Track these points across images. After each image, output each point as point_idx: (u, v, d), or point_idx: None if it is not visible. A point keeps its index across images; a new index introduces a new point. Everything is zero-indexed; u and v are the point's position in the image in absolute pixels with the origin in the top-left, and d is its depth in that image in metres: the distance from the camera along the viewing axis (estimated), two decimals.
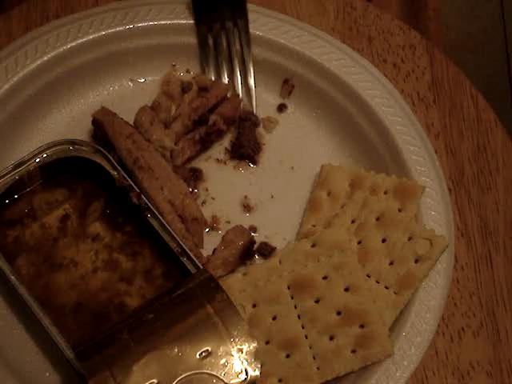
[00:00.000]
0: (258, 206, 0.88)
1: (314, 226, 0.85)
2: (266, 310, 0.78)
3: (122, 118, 0.86)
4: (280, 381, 0.76)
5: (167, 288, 0.78)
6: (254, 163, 0.90)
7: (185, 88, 0.91)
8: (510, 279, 0.86)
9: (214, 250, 0.84)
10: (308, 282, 0.79)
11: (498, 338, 0.83)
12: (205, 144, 0.89)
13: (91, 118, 0.86)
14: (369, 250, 0.81)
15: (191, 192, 0.87)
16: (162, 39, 0.92)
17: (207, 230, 0.86)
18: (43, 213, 0.82)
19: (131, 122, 0.87)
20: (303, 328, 0.78)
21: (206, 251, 0.84)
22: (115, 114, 0.86)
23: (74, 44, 0.88)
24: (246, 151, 0.89)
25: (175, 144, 0.86)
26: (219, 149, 0.91)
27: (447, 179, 0.89)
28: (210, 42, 0.92)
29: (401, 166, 0.87)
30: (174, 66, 0.94)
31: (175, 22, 0.92)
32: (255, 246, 0.85)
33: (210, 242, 0.85)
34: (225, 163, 0.90)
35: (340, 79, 0.91)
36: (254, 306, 0.79)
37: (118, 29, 0.90)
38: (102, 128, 0.84)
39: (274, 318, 0.78)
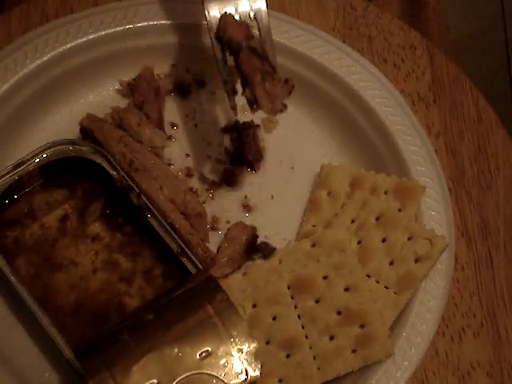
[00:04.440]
0: (258, 206, 0.88)
1: (314, 226, 0.85)
2: (266, 310, 0.78)
3: (110, 123, 0.86)
4: (280, 381, 0.76)
5: (167, 288, 0.78)
6: (253, 170, 0.90)
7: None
8: (510, 279, 0.86)
9: (218, 248, 0.84)
10: (308, 281, 0.79)
11: (498, 339, 0.83)
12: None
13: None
14: (369, 250, 0.81)
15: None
16: (161, 39, 0.92)
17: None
18: (43, 213, 0.82)
19: None
20: (303, 328, 0.78)
21: None
22: (102, 119, 0.86)
23: (73, 44, 0.88)
24: (246, 158, 0.89)
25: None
26: (219, 149, 0.91)
27: (447, 179, 0.89)
28: None
29: (401, 165, 0.87)
30: (175, 65, 0.94)
31: (175, 21, 0.92)
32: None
33: (211, 241, 0.84)
34: (224, 163, 0.90)
35: (340, 79, 0.91)
36: (254, 306, 0.79)
37: (117, 29, 0.90)
38: (91, 135, 0.84)
39: (274, 318, 0.78)
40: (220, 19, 0.79)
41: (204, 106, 0.93)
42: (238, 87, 0.80)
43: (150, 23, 0.91)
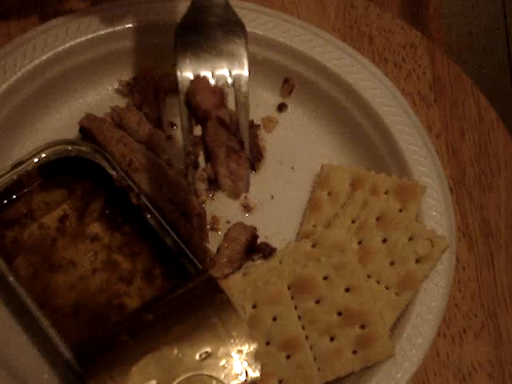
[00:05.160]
0: (258, 206, 0.88)
1: (314, 226, 0.84)
2: (266, 311, 0.78)
3: (109, 123, 0.85)
4: (280, 382, 0.76)
5: (167, 289, 0.78)
6: (253, 170, 0.90)
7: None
8: (511, 280, 0.86)
9: (218, 248, 0.84)
10: (308, 282, 0.79)
11: (499, 339, 0.82)
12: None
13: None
14: (369, 251, 0.80)
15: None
16: (162, 39, 0.91)
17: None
18: (42, 213, 0.82)
19: None
20: (304, 329, 0.77)
21: None
22: (101, 118, 0.86)
23: (72, 43, 0.88)
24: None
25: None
26: None
27: (448, 179, 0.89)
28: None
29: (401, 165, 0.87)
30: (175, 65, 0.93)
31: (176, 20, 0.91)
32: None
33: (211, 241, 0.84)
34: None
35: (341, 78, 0.91)
36: (254, 306, 0.79)
37: (117, 28, 0.90)
38: (91, 135, 0.84)
39: (274, 319, 0.78)
40: (192, 82, 0.69)
41: None
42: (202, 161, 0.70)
43: (150, 23, 0.91)
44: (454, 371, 0.81)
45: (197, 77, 0.70)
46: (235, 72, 0.70)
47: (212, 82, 0.70)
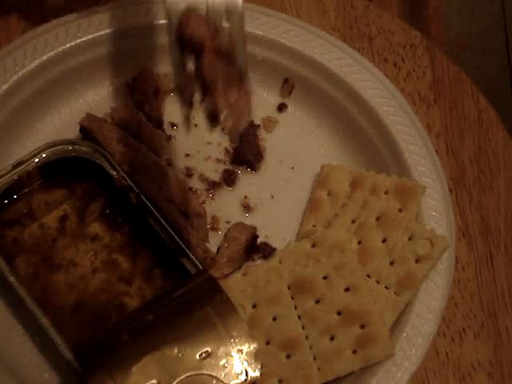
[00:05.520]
0: (258, 206, 0.88)
1: (314, 226, 0.84)
2: (266, 311, 0.78)
3: (110, 123, 0.85)
4: (280, 381, 0.76)
5: (167, 288, 0.78)
6: (253, 170, 0.90)
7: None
8: (511, 279, 0.86)
9: (218, 248, 0.84)
10: (308, 282, 0.79)
11: (499, 339, 0.83)
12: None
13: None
14: (369, 250, 0.81)
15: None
16: (161, 39, 0.92)
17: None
18: (42, 213, 0.82)
19: None
20: (303, 328, 0.77)
21: None
22: (102, 118, 0.86)
23: (72, 44, 0.88)
24: (246, 158, 0.89)
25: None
26: (219, 149, 0.91)
27: (448, 179, 0.89)
28: None
29: (401, 165, 0.87)
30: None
31: (175, 21, 0.91)
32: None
33: (211, 241, 0.84)
34: (224, 163, 0.90)
35: (340, 79, 0.91)
36: (254, 306, 0.79)
37: (117, 28, 0.90)
38: (91, 135, 0.84)
39: (274, 319, 0.78)
40: (182, 13, 0.64)
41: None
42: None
43: (150, 23, 0.91)
44: (454, 371, 0.81)
45: (188, 8, 0.65)
46: (229, 2, 0.65)
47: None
